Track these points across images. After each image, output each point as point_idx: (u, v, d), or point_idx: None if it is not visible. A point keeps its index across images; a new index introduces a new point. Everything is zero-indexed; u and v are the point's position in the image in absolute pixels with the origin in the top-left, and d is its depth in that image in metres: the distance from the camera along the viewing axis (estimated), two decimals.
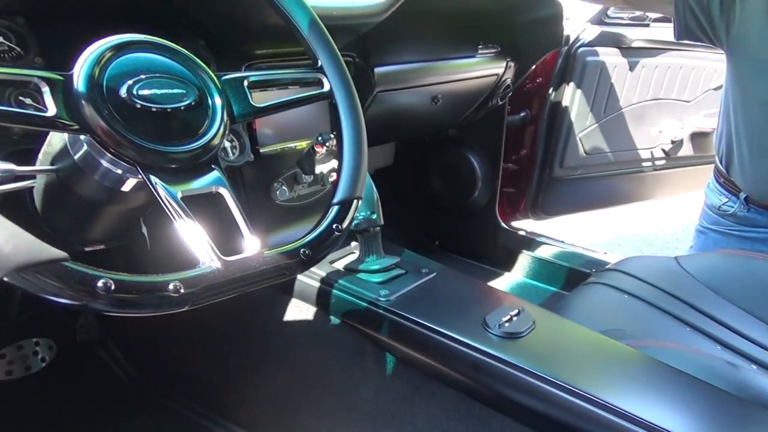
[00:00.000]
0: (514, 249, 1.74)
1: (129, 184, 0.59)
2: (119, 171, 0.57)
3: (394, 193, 1.90)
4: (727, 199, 1.39)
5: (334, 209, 0.64)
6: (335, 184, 0.66)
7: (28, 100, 0.69)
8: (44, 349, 1.19)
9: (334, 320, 0.97)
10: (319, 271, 0.99)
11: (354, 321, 0.94)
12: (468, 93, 1.47)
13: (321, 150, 0.92)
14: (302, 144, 1.06)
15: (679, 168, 2.01)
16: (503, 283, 1.71)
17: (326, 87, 0.69)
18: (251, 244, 0.54)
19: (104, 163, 0.56)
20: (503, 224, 1.78)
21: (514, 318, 0.87)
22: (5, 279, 0.39)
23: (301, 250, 0.58)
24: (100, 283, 0.42)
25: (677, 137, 1.92)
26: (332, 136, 0.90)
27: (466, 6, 1.29)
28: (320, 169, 1.00)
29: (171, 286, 0.46)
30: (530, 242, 1.71)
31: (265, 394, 1.09)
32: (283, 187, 1.06)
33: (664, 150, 1.94)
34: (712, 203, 1.44)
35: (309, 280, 0.99)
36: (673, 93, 1.86)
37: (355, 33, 1.05)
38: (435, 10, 1.25)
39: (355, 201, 0.65)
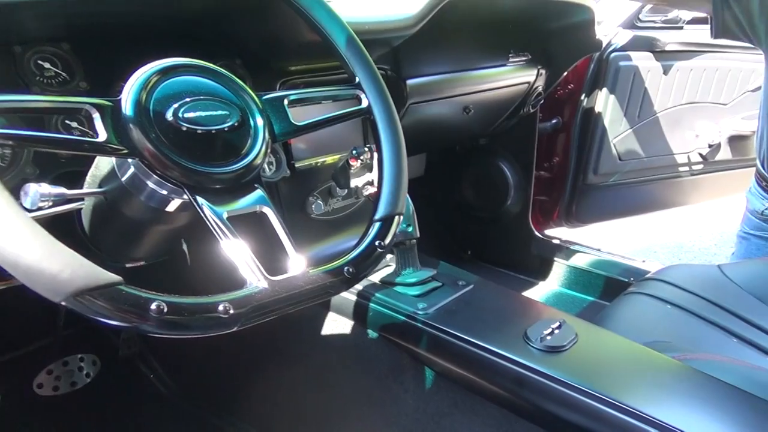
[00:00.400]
0: (549, 258, 1.71)
1: (173, 205, 0.60)
2: (164, 192, 0.58)
3: (426, 203, 1.90)
4: None
5: (376, 225, 0.63)
6: (376, 200, 0.66)
7: (74, 124, 0.71)
8: (89, 364, 1.21)
9: (372, 334, 0.97)
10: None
11: (392, 335, 0.94)
12: (499, 102, 1.46)
13: (356, 163, 0.93)
14: (336, 157, 1.07)
15: (717, 172, 1.96)
16: (538, 292, 1.69)
17: (364, 103, 0.69)
18: (296, 263, 0.55)
19: (150, 185, 0.57)
20: (537, 233, 1.76)
21: (556, 331, 0.85)
22: (63, 303, 0.40)
23: (345, 268, 0.57)
24: (153, 306, 0.43)
25: (714, 141, 1.87)
26: (366, 149, 0.90)
27: (496, 15, 1.29)
28: (355, 182, 1.00)
29: (221, 308, 0.46)
30: (565, 251, 1.68)
31: (303, 409, 1.09)
32: (319, 201, 1.06)
33: (701, 154, 1.89)
34: (754, 208, 1.40)
35: (346, 294, 0.99)
36: (709, 96, 1.82)
37: (388, 46, 1.06)
38: (465, 20, 1.25)
39: (397, 217, 0.65)
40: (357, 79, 0.69)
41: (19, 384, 1.15)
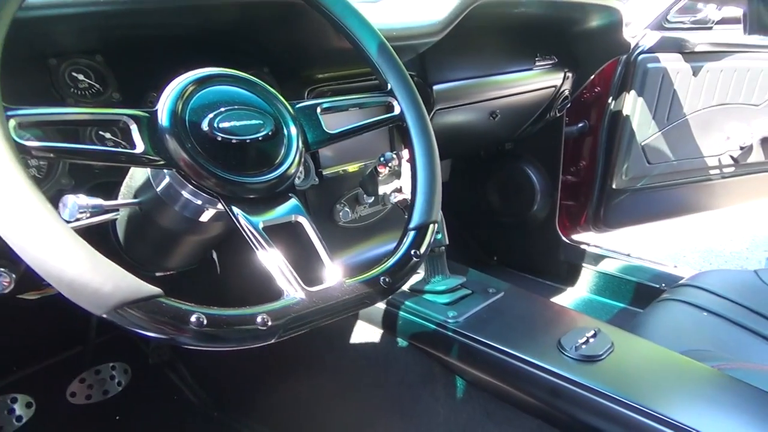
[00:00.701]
0: (577, 264, 1.69)
1: (207, 215, 0.60)
2: (199, 202, 0.58)
3: (451, 209, 1.88)
4: None
5: (411, 234, 0.62)
6: (410, 208, 0.65)
7: (107, 135, 0.71)
8: (120, 373, 1.23)
9: (402, 343, 0.96)
10: None
11: (422, 343, 0.93)
12: (526, 106, 1.45)
13: (384, 171, 0.92)
14: (362, 164, 1.06)
15: (748, 175, 1.91)
16: (567, 299, 1.66)
17: (396, 110, 0.68)
18: (332, 273, 0.54)
19: (185, 195, 0.57)
20: (564, 238, 1.74)
21: (591, 339, 0.83)
22: (104, 316, 0.40)
23: (381, 278, 0.57)
24: (192, 318, 0.43)
25: (746, 143, 1.83)
26: (394, 156, 0.90)
27: (522, 18, 1.27)
28: (383, 189, 1.00)
29: (259, 319, 0.46)
30: (593, 256, 1.66)
31: (332, 418, 1.08)
32: (346, 209, 1.06)
33: (732, 156, 1.85)
34: None
35: None
36: (740, 97, 1.78)
37: (414, 52, 1.05)
38: (491, 24, 1.24)
39: (432, 225, 0.64)
40: (389, 86, 0.68)
41: (52, 392, 1.17)
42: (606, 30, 1.41)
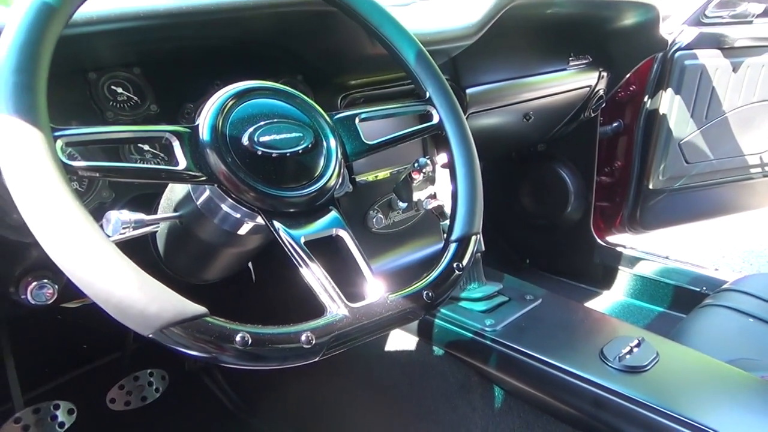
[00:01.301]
0: (613, 266, 1.65)
1: (245, 228, 0.60)
2: (238, 215, 0.57)
3: (483, 212, 1.86)
4: None
5: (453, 246, 0.61)
6: (451, 220, 0.64)
7: (146, 147, 0.72)
8: (158, 379, 1.24)
9: (438, 351, 0.95)
10: None
11: (459, 352, 0.92)
12: (559, 107, 1.42)
13: (418, 177, 0.91)
14: (395, 170, 1.05)
15: None
16: (604, 303, 1.63)
17: (435, 119, 0.67)
18: (374, 288, 0.53)
19: (225, 208, 0.57)
20: (599, 240, 1.70)
21: (635, 349, 0.81)
22: (150, 336, 0.40)
23: (425, 292, 0.56)
24: (238, 338, 0.42)
25: None
26: (428, 161, 0.89)
27: (555, 18, 1.25)
28: (417, 195, 0.99)
29: (303, 337, 0.46)
30: (630, 259, 1.62)
31: (367, 426, 1.08)
32: (379, 215, 1.05)
33: None
34: None
35: None
36: None
37: (447, 56, 1.04)
38: (524, 25, 1.22)
39: (474, 237, 0.63)
40: (428, 95, 0.67)
41: (92, 398, 1.19)
42: (642, 27, 1.37)
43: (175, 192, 0.63)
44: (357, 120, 0.63)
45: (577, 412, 0.79)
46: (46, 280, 0.71)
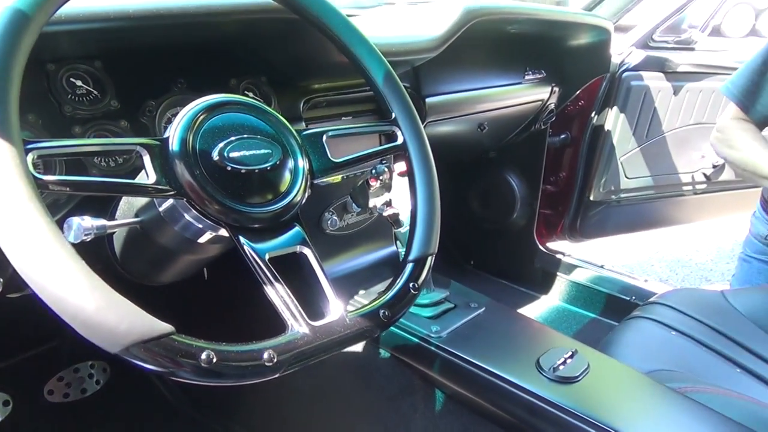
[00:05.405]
0: (551, 272, 1.73)
1: (205, 237, 0.61)
2: (200, 225, 0.58)
3: None
4: None
5: (409, 267, 0.64)
6: (409, 240, 0.66)
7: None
8: (99, 371, 1.22)
9: (384, 354, 0.98)
10: None
11: (405, 356, 0.95)
12: (513, 118, 1.47)
13: (375, 183, 0.93)
14: (353, 174, 1.07)
15: (719, 192, 1.98)
16: (541, 307, 1.71)
17: (399, 140, 0.69)
18: (335, 307, 0.55)
19: (187, 217, 0.57)
20: (540, 246, 1.78)
21: (569, 360, 0.86)
22: (117, 353, 0.41)
23: (381, 311, 0.58)
24: (203, 356, 0.44)
25: (718, 162, 1.89)
26: (386, 169, 0.91)
27: (514, 34, 1.29)
28: (373, 202, 1.01)
29: (266, 355, 0.47)
30: (567, 266, 1.70)
31: (311, 422, 1.10)
32: (334, 217, 1.07)
33: (705, 174, 1.91)
34: (758, 232, 1.43)
35: None
36: (717, 117, 1.83)
37: (410, 65, 1.06)
38: (485, 40, 1.25)
39: (430, 258, 0.66)
40: (393, 115, 0.69)
41: (30, 390, 1.16)
42: (594, 48, 1.44)
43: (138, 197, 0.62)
44: (324, 138, 0.64)
45: (512, 419, 0.84)
46: None
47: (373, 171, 0.89)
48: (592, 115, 1.67)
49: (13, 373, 1.15)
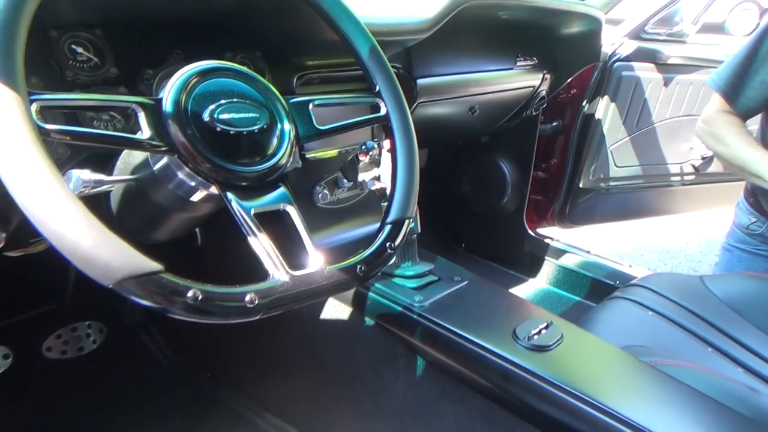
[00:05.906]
0: (540, 256, 1.77)
1: (198, 195, 0.64)
2: (193, 183, 0.62)
3: (425, 196, 1.94)
4: (756, 219, 1.41)
5: (387, 228, 0.68)
6: (388, 203, 0.70)
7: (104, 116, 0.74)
8: (96, 331, 1.26)
9: (369, 321, 1.02)
10: None
11: (388, 323, 0.99)
12: (504, 103, 1.50)
13: (365, 159, 0.97)
14: (344, 150, 1.10)
15: (707, 184, 2.02)
16: (528, 289, 1.75)
17: (383, 111, 0.73)
18: (314, 259, 0.59)
19: (180, 176, 0.61)
20: (530, 231, 1.81)
21: (543, 331, 0.90)
22: (110, 287, 0.45)
23: (358, 266, 0.62)
24: (189, 293, 0.48)
25: (707, 154, 1.92)
26: (375, 145, 0.94)
27: (507, 20, 1.32)
28: (362, 176, 1.04)
29: (247, 297, 0.51)
30: (556, 250, 1.74)
31: (298, 387, 1.14)
32: (325, 191, 1.10)
33: (693, 166, 1.95)
34: (740, 222, 1.46)
35: None
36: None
37: (402, 47, 1.09)
38: (478, 24, 1.28)
39: (407, 220, 0.70)
40: (377, 88, 0.73)
41: (29, 346, 1.20)
42: (585, 37, 1.47)
43: (133, 156, 0.66)
44: (311, 106, 0.68)
45: (488, 383, 0.88)
46: None
47: (363, 147, 0.93)
48: (584, 103, 1.71)
49: (13, 330, 1.19)
